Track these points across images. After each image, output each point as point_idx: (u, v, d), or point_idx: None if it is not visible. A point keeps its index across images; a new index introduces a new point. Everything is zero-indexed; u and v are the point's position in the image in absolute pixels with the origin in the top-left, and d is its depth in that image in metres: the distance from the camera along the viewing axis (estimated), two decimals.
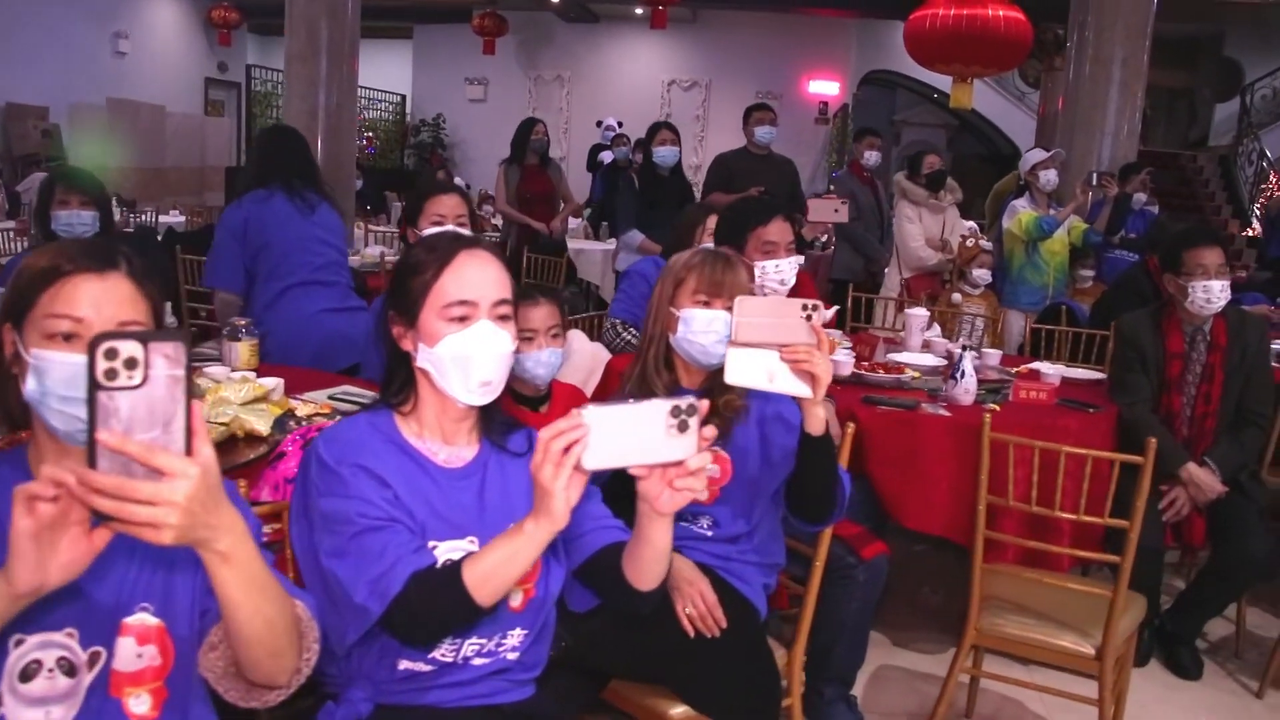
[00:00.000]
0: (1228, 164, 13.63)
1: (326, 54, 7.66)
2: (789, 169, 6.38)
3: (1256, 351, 3.36)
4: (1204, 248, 3.30)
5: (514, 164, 6.85)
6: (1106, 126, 6.47)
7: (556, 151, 15.20)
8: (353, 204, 8.10)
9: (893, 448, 3.09)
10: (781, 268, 2.95)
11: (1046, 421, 3.14)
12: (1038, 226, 5.41)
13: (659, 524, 1.47)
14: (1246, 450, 3.33)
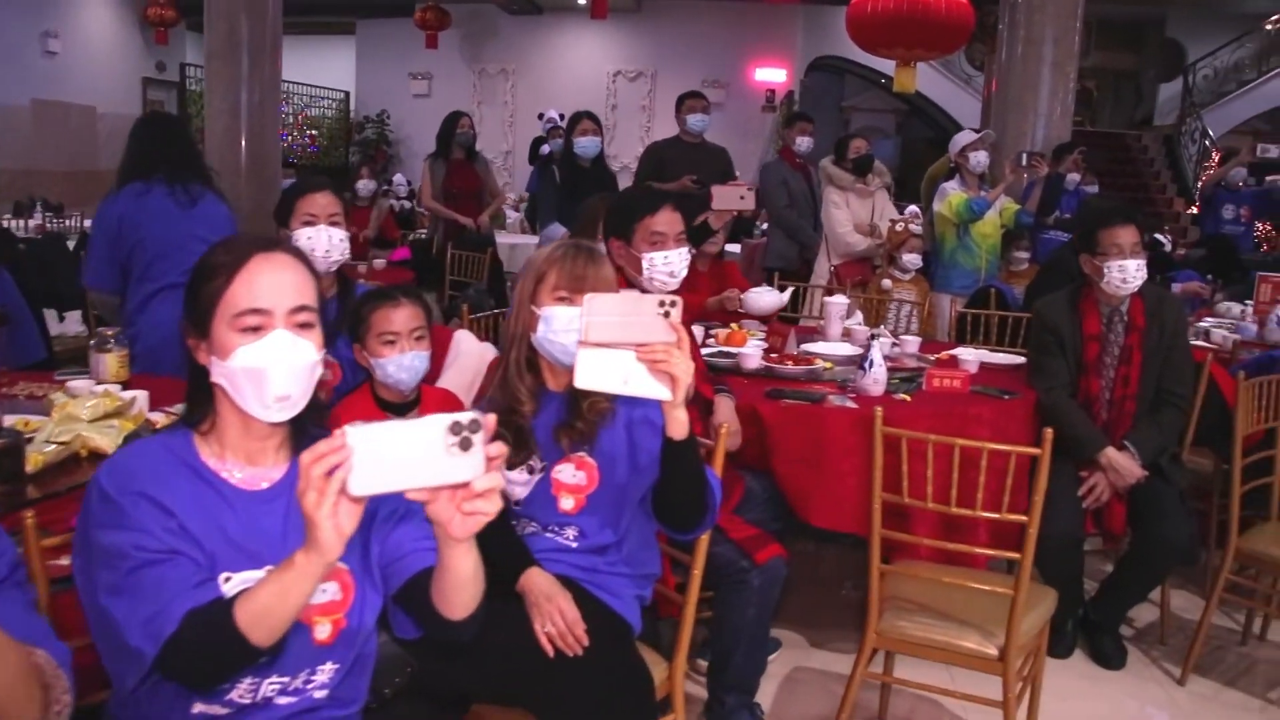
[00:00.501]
0: (1172, 143, 13.67)
1: (248, 51, 7.46)
2: (723, 157, 6.25)
3: (1174, 331, 3.26)
4: (1119, 226, 3.20)
5: (439, 158, 6.68)
6: (1039, 107, 6.38)
7: (503, 145, 15.14)
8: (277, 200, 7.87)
9: (798, 443, 2.97)
10: (670, 259, 2.80)
11: (958, 410, 3.03)
12: (968, 208, 5.32)
13: (456, 550, 1.33)
14: (1166, 433, 3.23)
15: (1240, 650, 3.46)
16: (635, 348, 1.76)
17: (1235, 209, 6.88)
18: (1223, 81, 13.69)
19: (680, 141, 6.17)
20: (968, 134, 5.53)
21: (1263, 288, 4.59)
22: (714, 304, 4.14)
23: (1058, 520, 3.09)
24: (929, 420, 2.95)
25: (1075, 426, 3.20)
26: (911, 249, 5.08)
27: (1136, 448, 3.17)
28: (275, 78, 7.72)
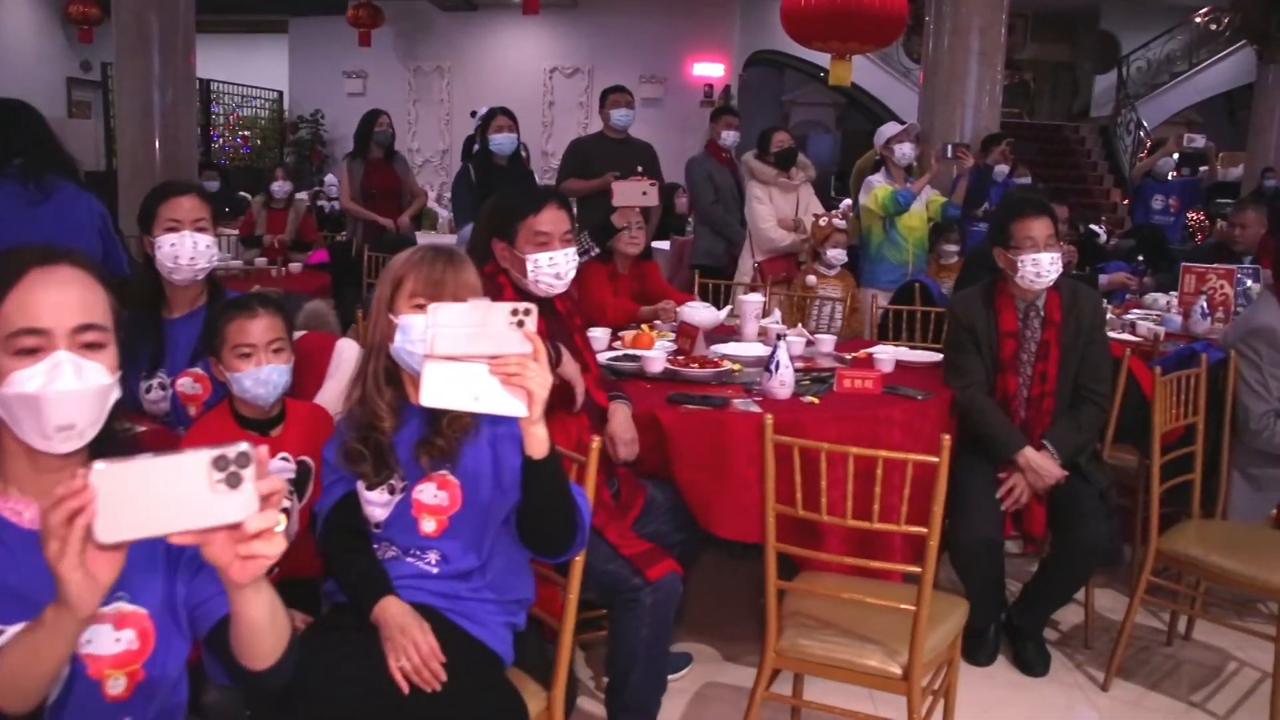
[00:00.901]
0: (1108, 134, 13.75)
1: (159, 48, 7.17)
2: (648, 154, 6.10)
3: (1091, 326, 3.16)
4: (1031, 218, 3.09)
5: (358, 158, 6.49)
6: (967, 99, 6.31)
7: (440, 144, 14.89)
8: None
9: (699, 451, 2.82)
10: (556, 260, 2.65)
11: (868, 413, 2.91)
12: (893, 200, 5.21)
13: (242, 596, 1.18)
14: (1085, 431, 3.14)
15: (1165, 651, 3.37)
16: (487, 360, 1.60)
17: (1164, 199, 6.86)
18: (1156, 73, 13.80)
19: (604, 137, 6.02)
20: (892, 126, 5.43)
21: (1187, 278, 4.52)
22: (648, 313, 3.99)
23: (975, 524, 2.99)
24: (836, 424, 2.83)
25: (992, 426, 3.10)
26: (836, 244, 4.96)
27: (1055, 447, 3.07)
28: (189, 76, 7.44)
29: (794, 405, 2.93)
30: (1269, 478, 3.24)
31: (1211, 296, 4.41)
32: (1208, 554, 2.88)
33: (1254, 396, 3.18)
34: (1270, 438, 3.16)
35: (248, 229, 6.79)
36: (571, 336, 2.80)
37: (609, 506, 2.65)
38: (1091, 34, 15.21)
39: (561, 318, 2.81)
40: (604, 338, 3.58)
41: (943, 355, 3.34)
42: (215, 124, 14.88)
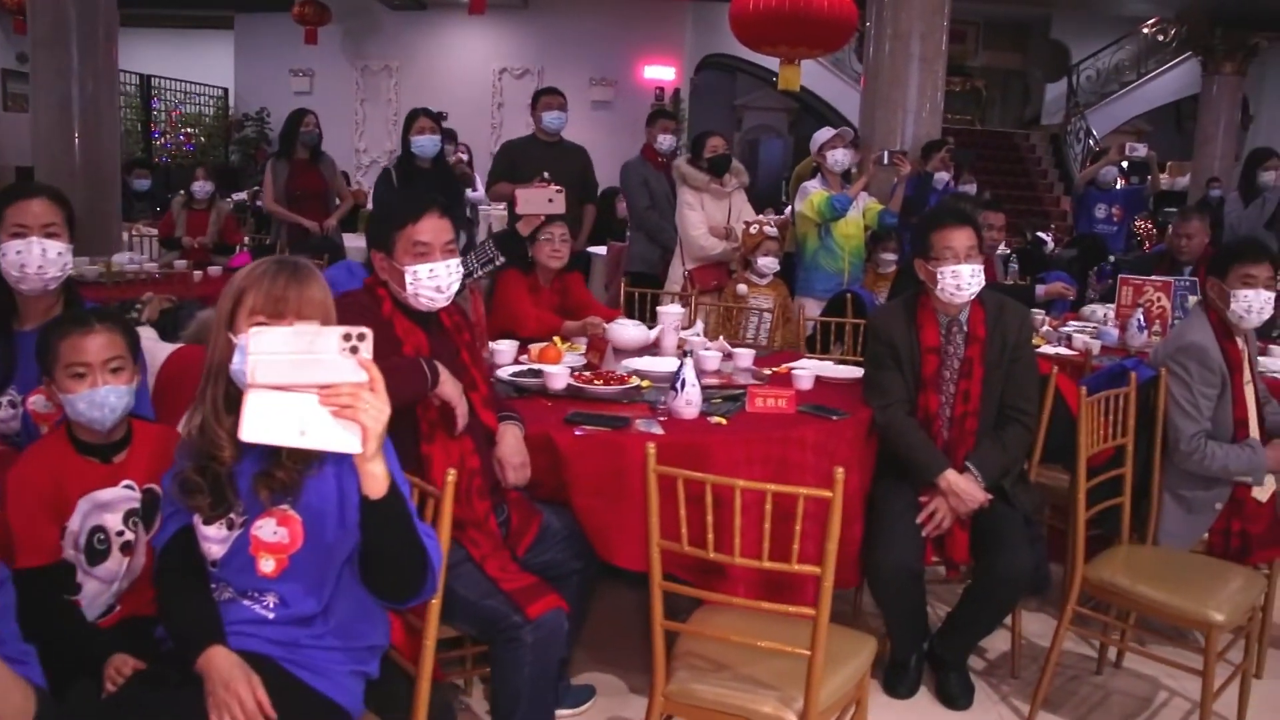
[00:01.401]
0: (1059, 142, 13.76)
1: (77, 40, 6.89)
2: (580, 157, 5.94)
3: (1017, 342, 3.01)
4: (951, 228, 2.95)
5: (282, 159, 6.26)
6: (908, 104, 6.17)
7: (387, 144, 14.59)
8: (117, 204, 7.34)
9: (597, 475, 2.64)
10: (437, 272, 2.46)
11: (779, 434, 2.74)
12: (829, 206, 5.07)
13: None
14: (1010, 452, 2.99)
15: (1095, 681, 3.23)
16: (317, 390, 1.42)
17: (1107, 208, 6.77)
18: (1105, 82, 13.84)
19: (535, 140, 5.85)
20: (826, 131, 5.29)
21: (1124, 290, 4.41)
22: (574, 329, 3.80)
23: (894, 550, 2.84)
24: (742, 447, 2.66)
25: (913, 447, 2.95)
26: (767, 252, 4.80)
27: (979, 469, 2.92)
28: (111, 70, 7.16)
29: (699, 426, 2.76)
30: (1200, 500, 3.11)
31: (1148, 309, 4.30)
32: (1135, 583, 2.74)
33: (1184, 417, 3.05)
34: (1201, 460, 3.03)
35: (167, 230, 6.54)
36: (458, 353, 2.62)
37: (494, 536, 2.48)
38: (1043, 42, 15.24)
39: (448, 333, 2.62)
40: (511, 351, 3.40)
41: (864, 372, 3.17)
42: (156, 120, 14.53)
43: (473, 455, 2.49)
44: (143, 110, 14.31)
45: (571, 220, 5.83)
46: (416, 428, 2.44)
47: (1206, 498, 3.10)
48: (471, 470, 2.48)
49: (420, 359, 2.38)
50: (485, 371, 2.71)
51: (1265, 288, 3.11)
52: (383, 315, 2.49)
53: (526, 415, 2.79)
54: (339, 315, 2.53)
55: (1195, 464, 3.04)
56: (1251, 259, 3.11)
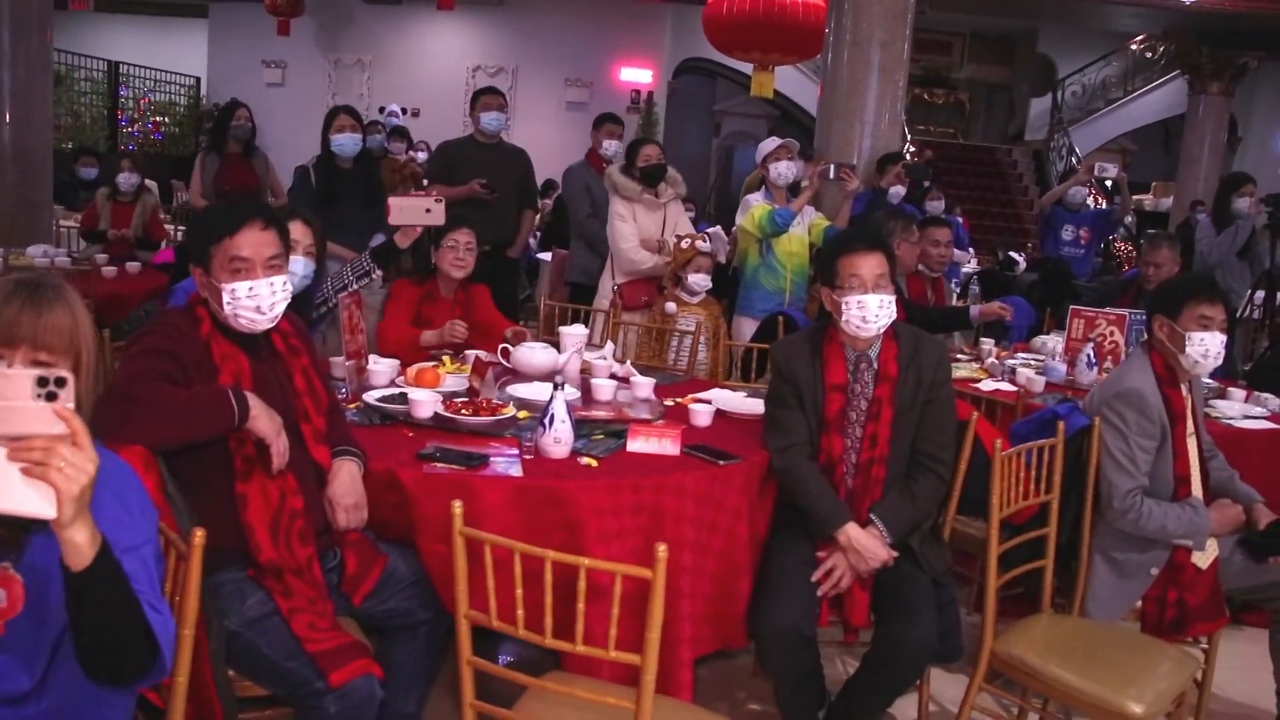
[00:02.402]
0: (1041, 158, 13.49)
1: (9, 24, 6.57)
2: (519, 160, 5.66)
3: (934, 382, 2.70)
4: (858, 254, 2.64)
5: (212, 152, 5.94)
6: (865, 115, 5.86)
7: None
8: (49, 194, 7.01)
9: (444, 519, 2.30)
10: (257, 291, 2.16)
11: (654, 480, 2.42)
12: (770, 220, 4.76)
13: None
14: (920, 505, 2.67)
15: None
16: (7, 443, 1.21)
17: (1075, 230, 6.47)
18: (1091, 99, 13.57)
19: (474, 142, 5.57)
20: (771, 141, 4.98)
21: (1074, 322, 4.10)
22: (431, 338, 3.50)
23: (783, 611, 2.52)
24: (608, 495, 2.35)
25: (811, 496, 2.63)
26: (698, 269, 4.49)
27: (884, 524, 2.61)
28: (44, 55, 6.85)
29: (565, 468, 2.45)
30: (1134, 564, 2.80)
31: (1100, 344, 4.00)
32: (1046, 662, 2.43)
33: (1119, 470, 2.74)
34: (1137, 519, 2.72)
35: (90, 222, 6.23)
36: (291, 379, 2.31)
37: (316, 585, 2.17)
38: (1029, 56, 14.98)
39: (279, 357, 2.31)
40: (389, 371, 3.08)
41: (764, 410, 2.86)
42: (125, 108, 14.20)
43: (295, 495, 2.19)
44: (110, 97, 13.97)
45: (510, 225, 5.55)
46: (230, 464, 2.14)
47: (1141, 561, 2.80)
48: (293, 511, 2.17)
49: (228, 390, 2.07)
50: (325, 400, 2.40)
51: (1220, 330, 2.81)
52: (200, 337, 2.19)
53: (385, 446, 2.50)
54: (151, 335, 2.23)
55: (1130, 523, 2.74)
56: (1207, 298, 2.80)
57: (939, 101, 15.61)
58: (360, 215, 4.77)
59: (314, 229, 2.99)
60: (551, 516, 2.35)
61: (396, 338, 3.48)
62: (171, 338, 2.15)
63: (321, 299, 3.10)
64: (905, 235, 4.34)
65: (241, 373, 2.19)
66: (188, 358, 2.13)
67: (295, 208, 3.17)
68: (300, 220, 2.97)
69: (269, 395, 2.22)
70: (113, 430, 1.90)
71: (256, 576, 2.13)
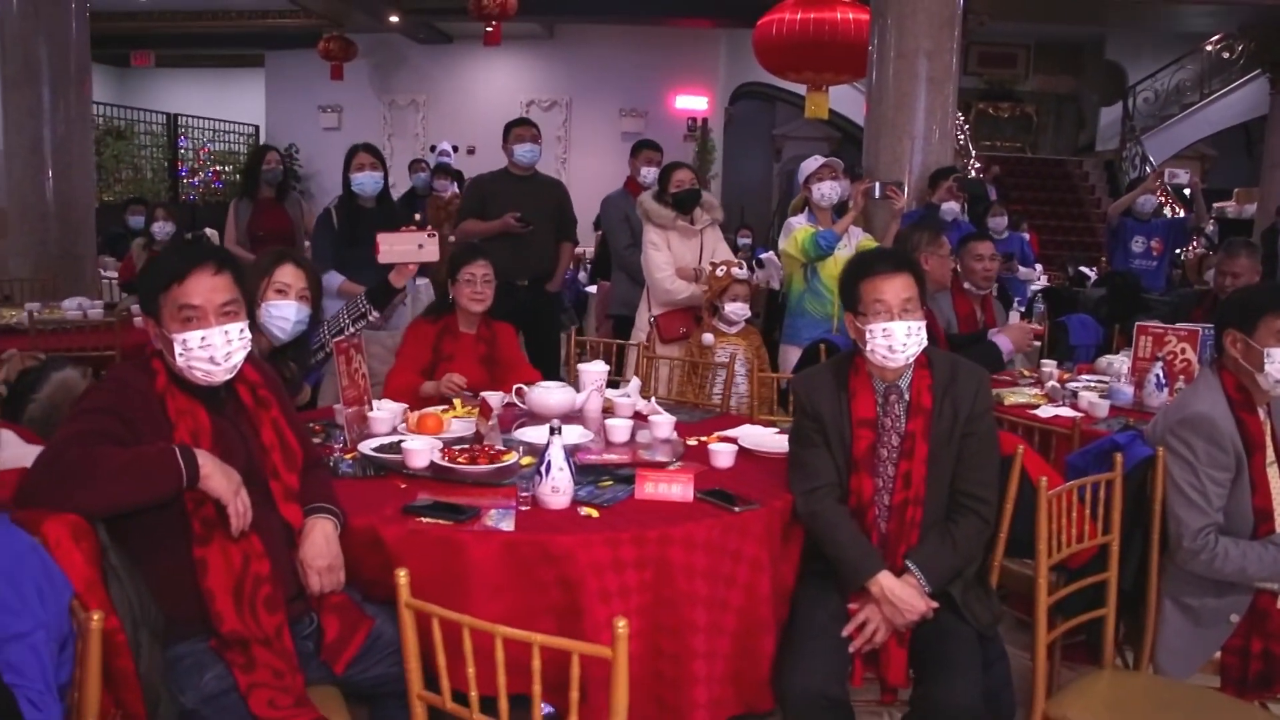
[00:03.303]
0: (1113, 169, 13.00)
1: (49, 80, 6.63)
2: (555, 191, 5.49)
3: (973, 414, 2.44)
4: (881, 277, 2.41)
5: (245, 198, 5.88)
6: (914, 130, 5.59)
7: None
8: (92, 247, 7.04)
9: (431, 579, 2.14)
10: (211, 340, 2.01)
11: (656, 531, 2.20)
12: (814, 244, 4.51)
13: None
14: (961, 550, 2.41)
15: None
16: None
17: (1145, 241, 6.09)
18: (1165, 105, 13.05)
19: (508, 175, 5.41)
20: (814, 160, 4.74)
21: (1141, 340, 3.78)
22: (430, 389, 3.32)
23: (809, 672, 2.28)
24: (606, 549, 2.15)
25: (839, 544, 2.39)
26: (735, 296, 4.26)
27: (922, 571, 2.36)
28: (83, 109, 6.90)
29: (564, 519, 2.24)
30: (1210, 611, 2.50)
31: (1170, 363, 3.68)
32: None
33: (1188, 506, 2.45)
34: (1210, 560, 2.42)
35: (128, 273, 6.22)
36: (258, 434, 2.15)
37: (286, 656, 2.00)
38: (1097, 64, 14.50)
39: (244, 411, 2.15)
40: (391, 418, 2.91)
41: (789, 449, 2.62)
42: (185, 159, 14.46)
43: (261, 559, 2.02)
44: (170, 149, 14.24)
45: (548, 258, 5.39)
46: (187, 528, 1.98)
47: (1219, 608, 2.49)
48: (258, 577, 2.01)
49: (174, 448, 1.91)
50: (300, 454, 2.23)
51: None
52: (155, 391, 2.04)
53: (374, 499, 2.34)
54: (95, 393, 2.06)
55: (1203, 565, 2.44)
56: None
57: (1005, 115, 15.19)
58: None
59: (306, 272, 2.85)
60: (546, 574, 2.14)
61: (399, 386, 3.32)
62: (119, 393, 2.00)
63: (319, 343, 2.95)
64: (933, 249, 4.05)
65: (200, 429, 2.04)
66: (139, 414, 1.98)
67: (286, 251, 3.03)
68: (291, 264, 2.84)
69: (231, 451, 2.06)
70: (40, 497, 1.75)
71: (218, 648, 1.96)
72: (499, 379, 3.54)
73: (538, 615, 2.15)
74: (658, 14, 12.39)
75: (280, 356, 2.88)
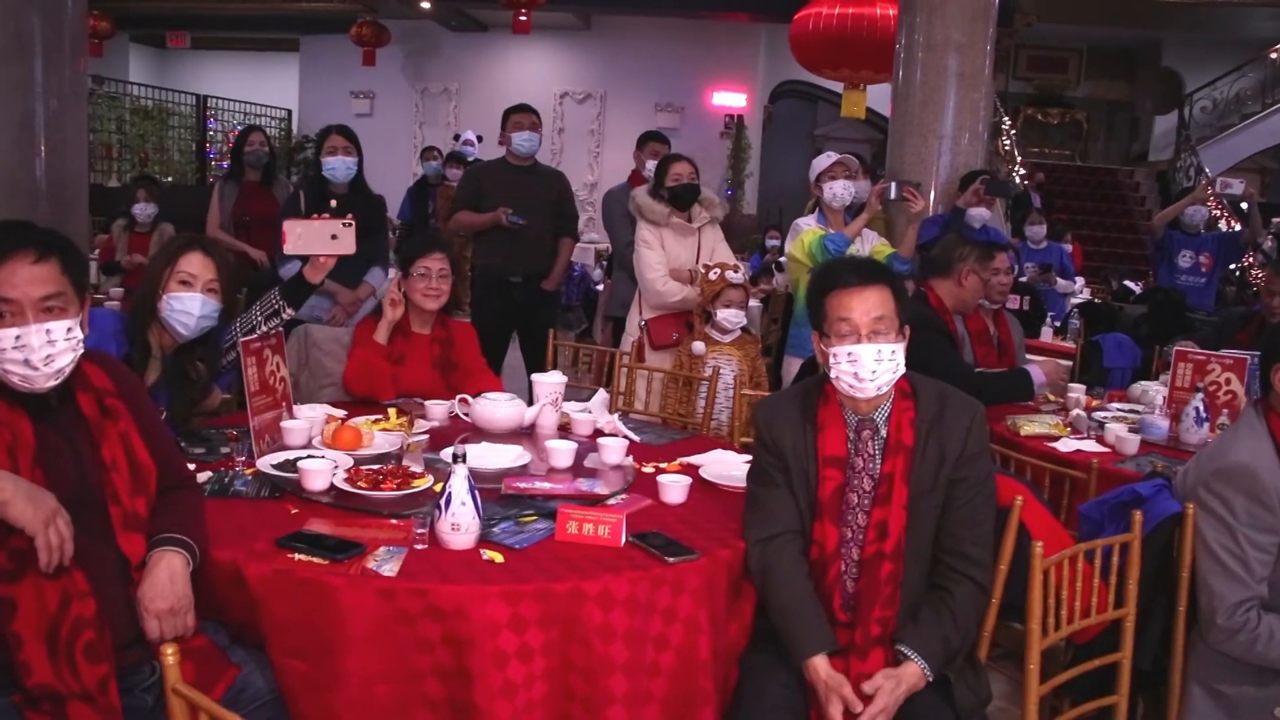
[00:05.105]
0: (1166, 180, 12.43)
1: (41, 52, 6.35)
2: (555, 183, 5.14)
3: (963, 455, 2.04)
4: (848, 290, 2.03)
5: (231, 180, 5.60)
6: (943, 129, 5.15)
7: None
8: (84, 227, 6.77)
9: (297, 629, 1.82)
10: (26, 340, 1.70)
11: (565, 586, 1.83)
12: (822, 247, 4.11)
13: None
14: (961, 624, 2.01)
15: None
16: None
17: (1194, 256, 5.61)
18: (1223, 114, 12.44)
19: (505, 164, 5.08)
20: (825, 158, 4.35)
21: (1180, 367, 3.35)
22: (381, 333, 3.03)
23: None
24: (504, 604, 1.78)
25: (784, 609, 2.00)
26: (729, 303, 3.87)
27: (922, 656, 1.95)
28: (77, 85, 6.60)
29: (462, 564, 1.88)
30: (1249, 701, 2.08)
31: (1212, 395, 3.25)
32: None
33: (1225, 576, 2.04)
34: (1251, 643, 2.01)
35: (107, 255, 5.96)
36: (97, 449, 1.81)
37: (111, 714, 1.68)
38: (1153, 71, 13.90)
39: (82, 423, 1.82)
40: (304, 430, 2.56)
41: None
42: (213, 141, 14.33)
43: (84, 599, 1.69)
44: (198, 131, 14.12)
45: (545, 255, 5.04)
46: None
47: (1259, 699, 2.08)
48: (79, 620, 1.67)
49: None
50: (152, 474, 1.89)
51: None
52: None
53: (254, 526, 2.01)
54: None
55: (1241, 647, 2.03)
56: None
57: (1054, 121, 14.61)
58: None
59: (217, 262, 2.51)
60: (429, 630, 1.79)
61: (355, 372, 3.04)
62: None
63: (229, 342, 2.61)
64: (979, 266, 3.61)
65: (19, 443, 1.71)
66: None
67: (194, 237, 2.69)
68: (199, 251, 2.51)
69: (58, 470, 1.74)
70: None
71: (23, 704, 1.63)
72: (456, 385, 3.20)
73: (420, 677, 1.80)
74: (697, 7, 12.02)
75: (186, 355, 2.54)
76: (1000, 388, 3.47)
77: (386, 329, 3.12)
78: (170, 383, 2.49)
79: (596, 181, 13.01)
